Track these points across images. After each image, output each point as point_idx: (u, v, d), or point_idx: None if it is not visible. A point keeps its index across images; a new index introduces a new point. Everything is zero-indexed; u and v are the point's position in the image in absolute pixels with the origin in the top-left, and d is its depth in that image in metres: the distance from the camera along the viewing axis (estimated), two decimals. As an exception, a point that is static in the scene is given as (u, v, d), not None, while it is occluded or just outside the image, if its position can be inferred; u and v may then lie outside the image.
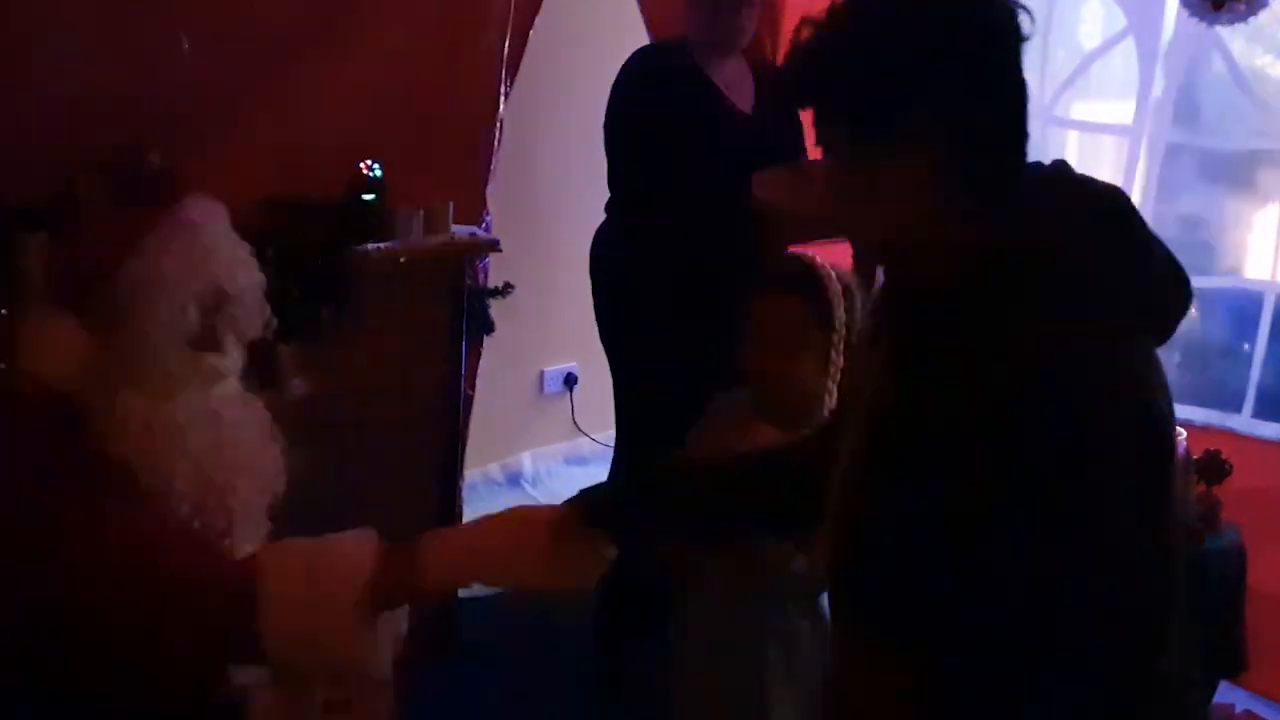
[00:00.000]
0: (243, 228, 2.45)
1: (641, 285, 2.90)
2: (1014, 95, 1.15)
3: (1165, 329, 1.22)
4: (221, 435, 1.57)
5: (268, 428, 1.67)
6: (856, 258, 2.68)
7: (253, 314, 1.63)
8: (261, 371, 2.49)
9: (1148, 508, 1.15)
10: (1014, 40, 1.14)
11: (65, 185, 2.30)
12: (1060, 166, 1.23)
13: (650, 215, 2.85)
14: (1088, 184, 1.22)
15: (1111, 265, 1.15)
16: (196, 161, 2.51)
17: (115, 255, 1.52)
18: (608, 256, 2.99)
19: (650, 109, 2.81)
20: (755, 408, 1.96)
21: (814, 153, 2.03)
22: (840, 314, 1.85)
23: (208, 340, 1.58)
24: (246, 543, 1.63)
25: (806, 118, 1.27)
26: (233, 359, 1.62)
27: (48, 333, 1.52)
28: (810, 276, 1.88)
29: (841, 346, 1.86)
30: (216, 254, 1.58)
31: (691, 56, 2.90)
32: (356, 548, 1.43)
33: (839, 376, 1.85)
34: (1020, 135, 1.16)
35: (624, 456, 3.14)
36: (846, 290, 1.90)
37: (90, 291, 1.52)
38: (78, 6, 2.40)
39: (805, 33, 1.18)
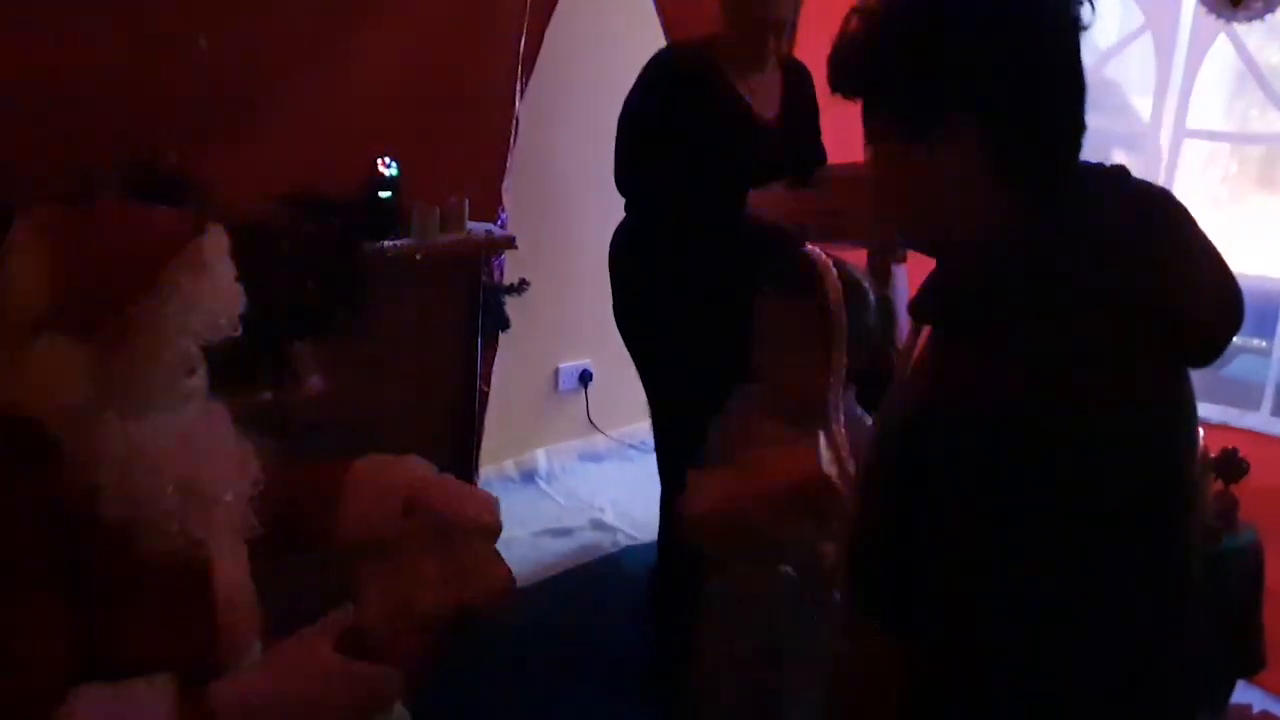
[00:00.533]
0: (260, 225, 2.51)
1: (656, 286, 2.88)
2: (1067, 90, 1.14)
3: (1209, 349, 1.20)
4: (198, 449, 1.55)
5: (233, 429, 1.65)
6: (881, 250, 2.70)
7: (226, 324, 1.58)
8: (277, 368, 2.54)
9: (1130, 533, 1.14)
10: (1069, 34, 1.13)
11: (80, 185, 2.33)
12: (1119, 171, 1.20)
13: (659, 217, 2.84)
14: (1142, 193, 1.19)
15: (1142, 285, 1.12)
16: (214, 160, 2.54)
17: (132, 286, 1.47)
18: (622, 258, 2.98)
19: (663, 110, 2.75)
20: (764, 403, 1.97)
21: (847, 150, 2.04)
22: (841, 313, 1.84)
23: (194, 366, 1.56)
24: (230, 546, 1.63)
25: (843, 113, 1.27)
26: (201, 370, 1.59)
27: (49, 354, 1.47)
28: (810, 275, 1.87)
29: (844, 343, 1.85)
30: (222, 295, 1.55)
31: (716, 60, 2.81)
32: (151, 695, 1.41)
33: (844, 373, 1.85)
34: (1071, 130, 1.15)
35: (660, 452, 3.13)
36: (856, 286, 1.89)
37: (97, 319, 1.46)
38: (95, 6, 2.41)
39: (854, 22, 1.18)
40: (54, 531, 1.44)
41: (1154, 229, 1.15)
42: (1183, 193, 3.46)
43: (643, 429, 4.12)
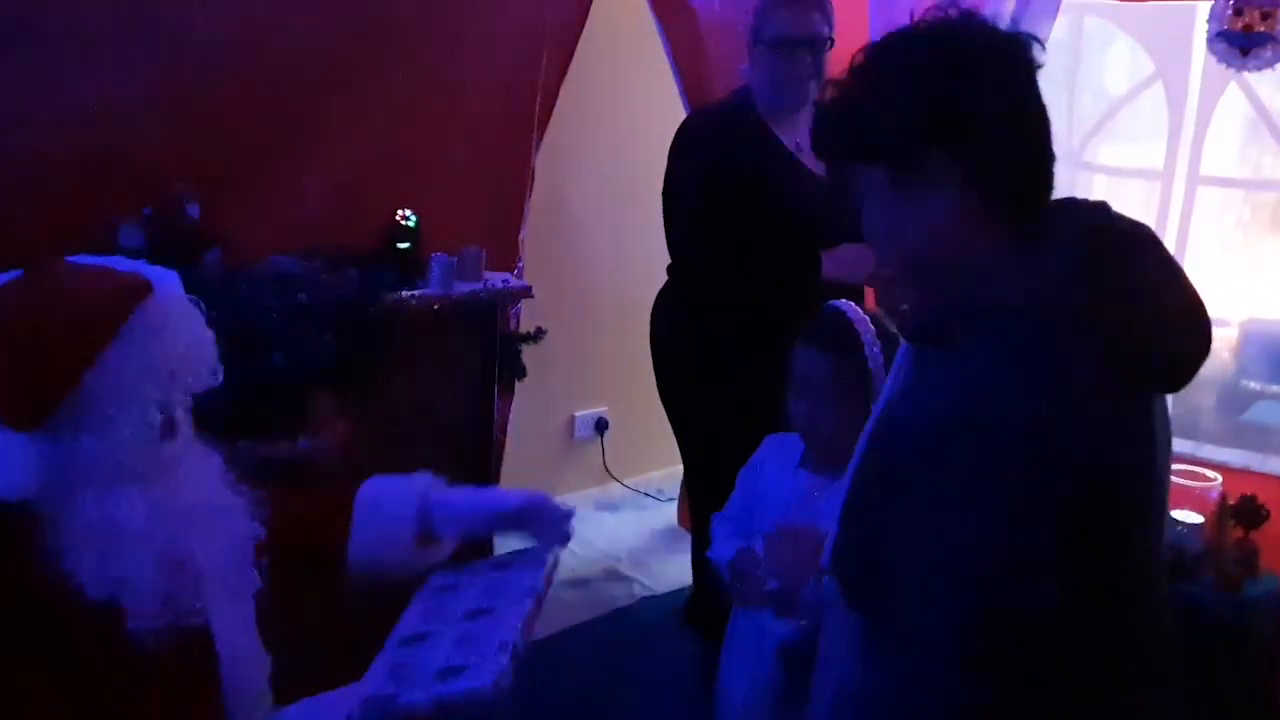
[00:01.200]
0: (281, 275, 2.53)
1: (707, 348, 2.83)
2: (1032, 126, 1.21)
3: (1176, 376, 1.22)
4: (182, 516, 1.49)
5: (225, 479, 1.60)
6: (885, 291, 2.71)
7: (202, 374, 1.53)
8: (297, 417, 2.55)
9: (1075, 562, 1.13)
10: (1025, 73, 1.21)
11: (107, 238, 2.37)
12: (1100, 206, 1.25)
13: (721, 281, 2.78)
14: (1124, 227, 1.23)
15: (1110, 316, 1.14)
16: (236, 212, 2.57)
17: (73, 366, 1.40)
18: (672, 321, 2.95)
19: (716, 169, 2.71)
20: (805, 455, 2.02)
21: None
22: (879, 366, 1.88)
23: (167, 429, 1.49)
24: (230, 599, 1.58)
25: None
26: (185, 425, 1.53)
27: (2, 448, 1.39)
28: (845, 331, 1.92)
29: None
30: (176, 347, 1.48)
31: (757, 114, 2.81)
32: None
33: None
34: (1042, 163, 1.22)
35: (694, 501, 3.13)
36: (892, 340, 1.92)
37: (47, 401, 1.40)
38: (121, 59, 2.46)
39: (831, 92, 1.27)
40: (42, 615, 1.39)
41: (1129, 260, 1.19)
42: (1199, 238, 3.48)
43: (659, 477, 4.13)
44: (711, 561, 2.04)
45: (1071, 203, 1.25)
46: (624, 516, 4.07)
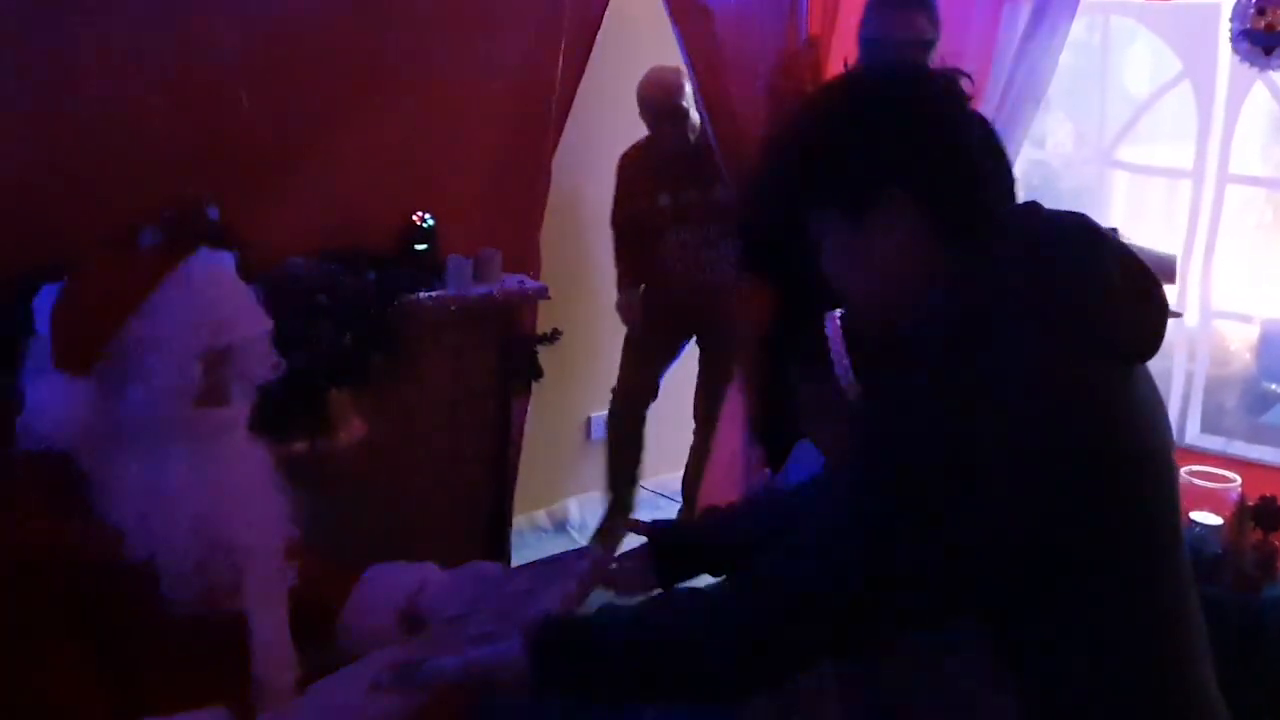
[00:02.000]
0: (300, 277, 2.55)
1: None
2: (967, 154, 1.25)
3: (1143, 345, 1.24)
4: (224, 491, 1.53)
5: (272, 476, 1.63)
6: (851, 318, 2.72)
7: (261, 361, 1.59)
8: (312, 416, 2.56)
9: (1111, 561, 1.16)
10: (955, 103, 1.27)
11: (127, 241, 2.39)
12: (1030, 206, 1.29)
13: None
14: (1053, 219, 1.27)
15: (1069, 299, 1.18)
16: (255, 214, 2.59)
17: (119, 312, 1.49)
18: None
19: None
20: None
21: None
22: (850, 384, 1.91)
23: (214, 395, 1.53)
24: (262, 594, 1.62)
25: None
26: (238, 408, 1.58)
27: (52, 393, 1.48)
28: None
29: None
30: (220, 309, 1.53)
31: None
32: None
33: None
34: (983, 188, 1.25)
35: None
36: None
37: (96, 351, 1.48)
38: (140, 63, 2.48)
39: (772, 150, 1.34)
40: (81, 579, 1.43)
41: (1062, 245, 1.23)
42: (1226, 237, 3.44)
43: (675, 479, 4.12)
44: None
45: (1009, 211, 1.29)
46: (640, 517, 4.06)
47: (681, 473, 3.98)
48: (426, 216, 2.80)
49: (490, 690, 1.37)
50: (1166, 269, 2.82)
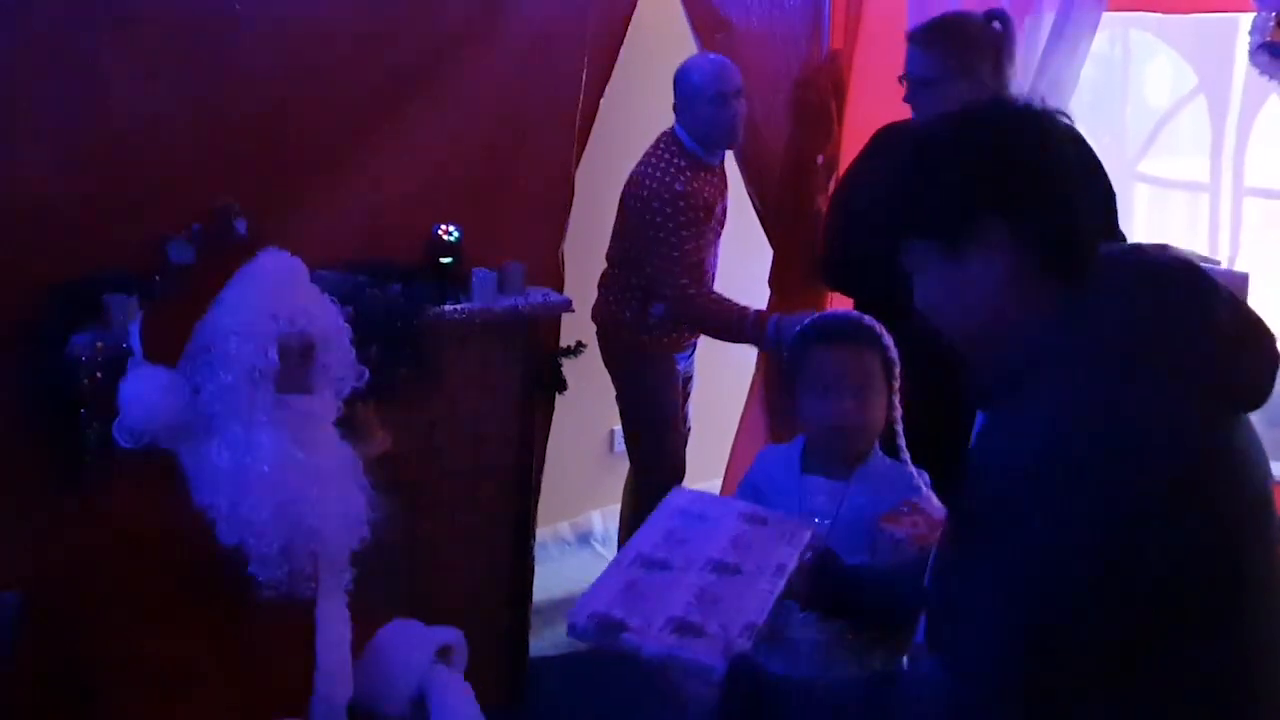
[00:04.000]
0: (326, 290, 2.56)
1: None
2: (1065, 189, 1.26)
3: (1255, 394, 1.23)
4: (307, 478, 1.60)
5: (355, 474, 1.70)
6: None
7: (345, 362, 1.67)
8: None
9: (1198, 623, 1.15)
10: (1061, 142, 1.28)
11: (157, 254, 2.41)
12: (1135, 248, 1.32)
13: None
14: (1163, 264, 1.27)
15: (1175, 347, 1.19)
16: (282, 226, 2.61)
17: (199, 304, 1.61)
18: None
19: None
20: (803, 458, 2.05)
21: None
22: (897, 356, 1.98)
23: (295, 382, 1.62)
24: (331, 588, 1.66)
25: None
26: (325, 403, 1.66)
27: (144, 387, 1.58)
28: (871, 329, 2.00)
29: (898, 397, 1.99)
30: (291, 297, 1.63)
31: None
32: None
33: (899, 422, 1.99)
34: (1087, 225, 1.26)
35: None
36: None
37: (181, 342, 1.60)
38: (170, 78, 2.51)
39: (880, 175, 1.41)
40: (189, 554, 1.53)
41: (1173, 292, 1.23)
42: (1247, 250, 3.43)
43: (712, 486, 4.12)
44: None
45: (1113, 251, 1.30)
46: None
47: (704, 485, 3.98)
48: (451, 230, 2.81)
49: (673, 689, 1.39)
50: (1239, 286, 2.78)
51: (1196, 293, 1.23)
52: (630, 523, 3.73)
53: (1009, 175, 1.25)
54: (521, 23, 2.99)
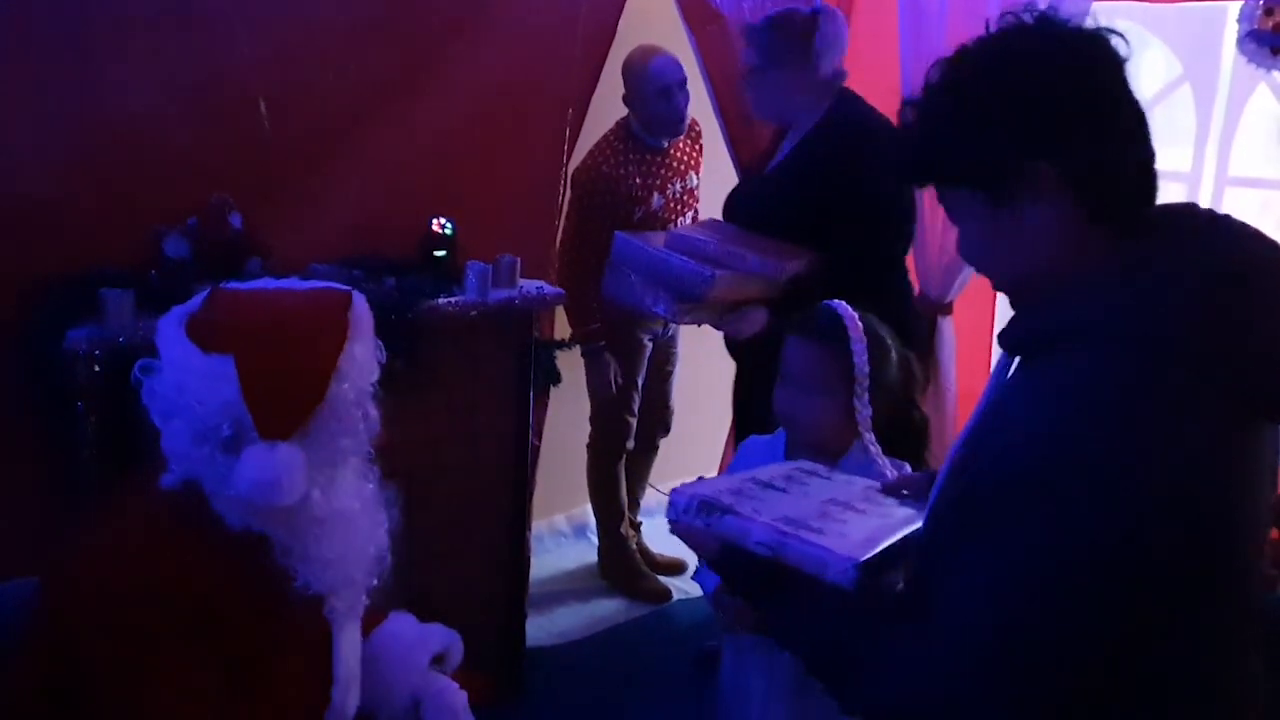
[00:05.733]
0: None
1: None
2: (1125, 122, 1.18)
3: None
4: (342, 506, 1.61)
5: (378, 496, 1.72)
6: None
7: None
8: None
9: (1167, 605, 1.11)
10: (1113, 69, 1.18)
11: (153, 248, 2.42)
12: (1213, 216, 1.22)
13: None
14: (1235, 248, 1.18)
15: (1215, 336, 1.11)
16: (276, 221, 2.62)
17: (321, 380, 1.53)
18: None
19: None
20: (788, 447, 2.05)
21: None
22: (863, 363, 1.93)
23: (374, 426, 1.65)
24: (351, 616, 1.68)
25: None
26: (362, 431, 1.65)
27: (271, 465, 1.51)
28: (835, 326, 1.97)
29: (865, 395, 1.94)
30: (376, 353, 1.64)
31: None
32: None
33: (869, 421, 1.94)
34: (1140, 161, 1.18)
35: None
36: (879, 340, 1.98)
37: (306, 420, 1.52)
38: (165, 74, 2.51)
39: (910, 114, 1.25)
40: (273, 614, 1.53)
41: (1242, 285, 1.14)
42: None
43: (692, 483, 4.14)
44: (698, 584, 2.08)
45: (1186, 216, 1.21)
46: (658, 522, 4.07)
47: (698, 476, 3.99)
48: (446, 223, 2.82)
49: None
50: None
51: (1264, 292, 1.13)
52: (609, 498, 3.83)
53: (1061, 113, 1.15)
54: (514, 16, 3.00)
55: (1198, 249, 1.16)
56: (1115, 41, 1.19)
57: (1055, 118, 1.15)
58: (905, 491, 1.60)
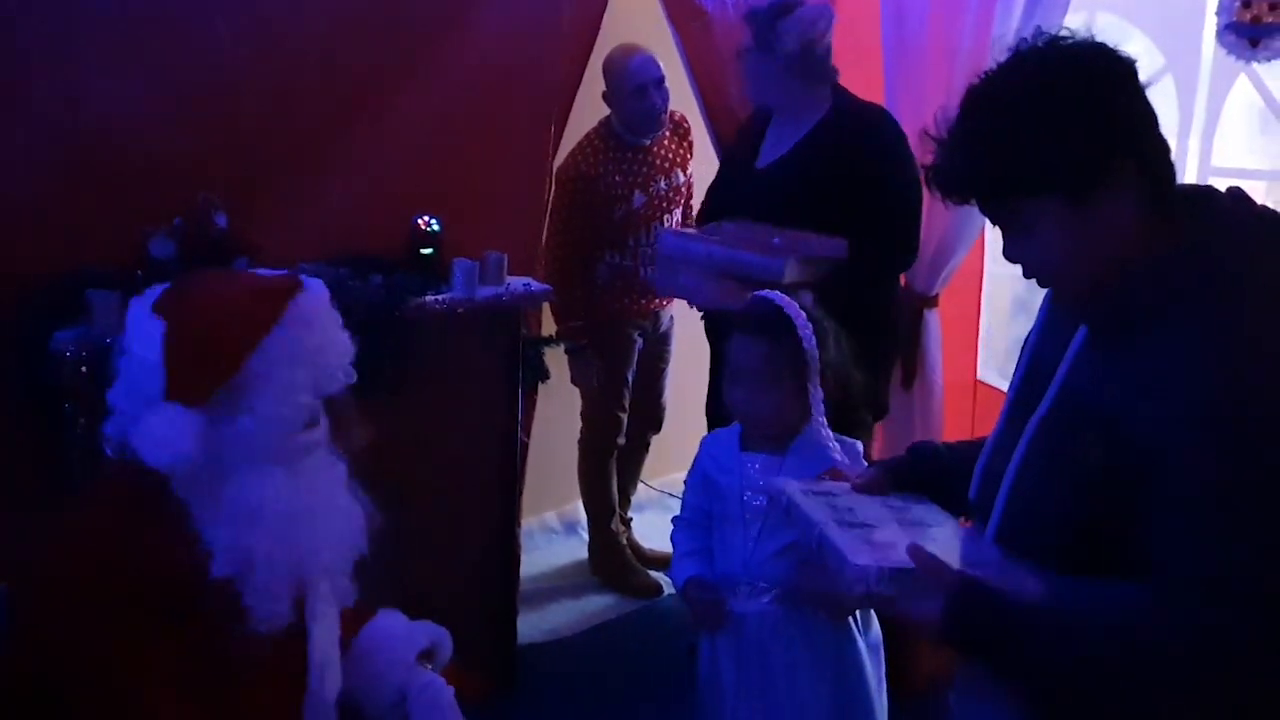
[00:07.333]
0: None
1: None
2: (1155, 117, 1.29)
3: None
4: (311, 507, 1.59)
5: (350, 489, 1.70)
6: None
7: (338, 373, 1.66)
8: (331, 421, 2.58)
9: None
10: (1134, 68, 1.29)
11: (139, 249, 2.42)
12: (1239, 194, 1.33)
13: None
14: (1259, 211, 1.31)
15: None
16: (262, 220, 2.62)
17: (238, 351, 1.53)
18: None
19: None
20: (742, 438, 2.10)
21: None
22: (813, 348, 1.97)
23: (311, 419, 1.62)
24: (328, 602, 1.67)
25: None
26: (322, 425, 1.64)
27: (167, 424, 1.51)
28: (780, 318, 2.00)
29: (817, 378, 1.99)
30: (326, 347, 1.61)
31: None
32: None
33: (823, 404, 1.99)
34: (1168, 149, 1.30)
35: None
36: (819, 322, 2.03)
37: (214, 387, 1.52)
38: (148, 73, 2.51)
39: (970, 124, 1.29)
40: (176, 585, 1.49)
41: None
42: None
43: (681, 478, 4.15)
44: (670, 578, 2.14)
45: (1201, 193, 1.33)
46: (649, 517, 4.09)
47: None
48: (432, 221, 2.82)
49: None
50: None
51: None
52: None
53: (1126, 109, 1.26)
54: (498, 14, 3.00)
55: (1244, 213, 1.29)
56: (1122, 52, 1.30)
57: (1127, 116, 1.26)
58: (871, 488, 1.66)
